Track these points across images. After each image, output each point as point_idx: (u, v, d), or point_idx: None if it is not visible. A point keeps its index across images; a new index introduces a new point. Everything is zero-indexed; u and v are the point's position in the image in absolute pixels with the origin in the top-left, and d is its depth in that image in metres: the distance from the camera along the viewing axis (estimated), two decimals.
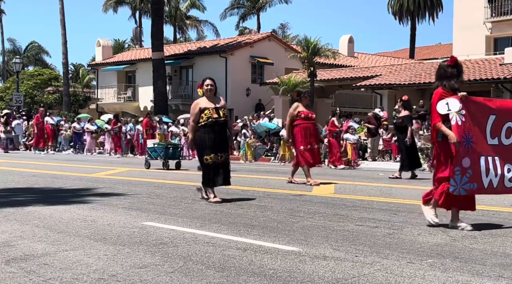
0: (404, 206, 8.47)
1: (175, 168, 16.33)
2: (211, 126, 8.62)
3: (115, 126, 26.55)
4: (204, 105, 8.69)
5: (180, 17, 53.82)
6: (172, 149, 16.93)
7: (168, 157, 16.61)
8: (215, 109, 8.66)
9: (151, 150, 16.96)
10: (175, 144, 18.36)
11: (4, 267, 4.69)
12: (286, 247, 5.43)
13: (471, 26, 33.20)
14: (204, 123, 8.62)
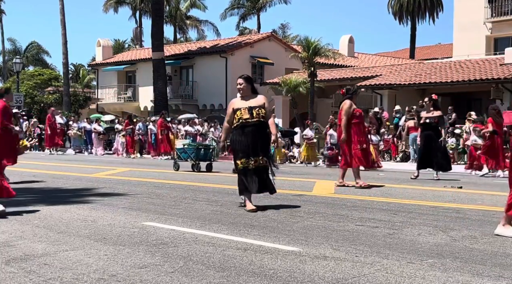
0: (404, 206, 8.47)
1: (206, 171, 15.52)
2: (242, 127, 7.94)
3: (128, 127, 25.87)
4: (238, 105, 8.07)
5: (180, 17, 53.82)
6: (204, 150, 16.07)
7: (199, 158, 15.82)
8: (248, 109, 7.94)
9: (180, 151, 16.11)
10: (206, 144, 17.48)
11: (4, 267, 4.69)
12: (286, 247, 5.43)
13: (471, 26, 33.21)
14: (236, 124, 7.99)
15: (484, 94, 25.39)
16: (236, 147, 8.06)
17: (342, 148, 11.53)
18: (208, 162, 15.85)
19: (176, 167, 15.93)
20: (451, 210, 8.12)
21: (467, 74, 26.08)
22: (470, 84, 24.95)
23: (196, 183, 12.23)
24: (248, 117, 7.90)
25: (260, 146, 7.96)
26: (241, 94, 8.15)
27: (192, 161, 15.82)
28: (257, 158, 7.90)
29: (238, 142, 7.97)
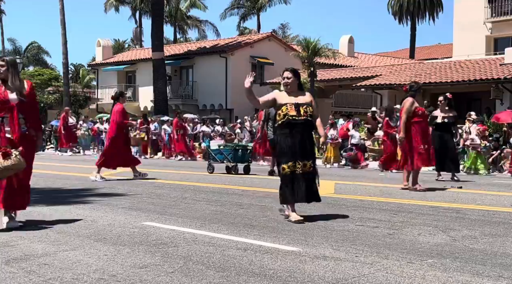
0: (404, 206, 8.47)
1: (244, 173, 14.70)
2: (288, 126, 7.01)
3: (142, 127, 25.19)
4: (283, 99, 7.15)
5: (181, 17, 53.82)
6: (241, 151, 15.15)
7: (237, 160, 14.95)
8: (295, 106, 7.04)
9: (215, 152, 15.24)
10: (244, 145, 16.50)
11: (4, 267, 4.69)
12: (286, 247, 5.43)
13: (471, 26, 33.20)
14: (281, 121, 7.07)
15: (484, 94, 25.40)
16: (281, 148, 7.09)
17: (402, 148, 10.96)
18: (246, 164, 15.05)
19: (211, 169, 15.07)
20: (451, 210, 8.12)
21: (467, 74, 26.08)
22: (470, 84, 24.95)
23: (196, 183, 12.23)
24: (295, 114, 7.02)
25: (309, 148, 7.10)
26: (286, 89, 7.26)
27: (228, 163, 14.99)
28: (306, 162, 7.00)
29: (284, 143, 7.04)
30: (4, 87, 6.49)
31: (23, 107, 6.48)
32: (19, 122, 6.42)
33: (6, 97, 6.44)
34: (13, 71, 6.53)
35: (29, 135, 6.51)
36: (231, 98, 35.87)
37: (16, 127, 6.39)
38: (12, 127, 6.40)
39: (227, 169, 14.94)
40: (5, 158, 6.07)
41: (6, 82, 6.49)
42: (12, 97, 6.44)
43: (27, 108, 6.53)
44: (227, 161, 14.96)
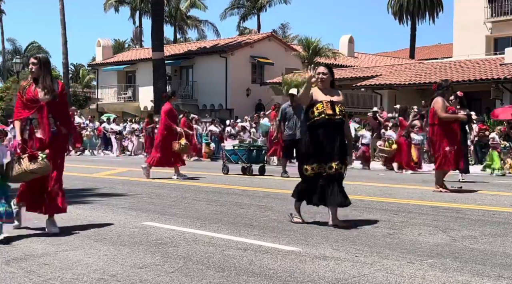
0: (404, 206, 8.47)
1: (259, 174, 14.30)
2: (323, 125, 6.59)
3: (148, 126, 24.97)
4: (318, 96, 6.74)
5: (181, 17, 53.82)
6: (256, 151, 14.68)
7: (252, 161, 14.53)
8: (330, 104, 6.66)
9: (230, 153, 14.78)
10: (259, 146, 15.97)
11: (4, 267, 4.69)
12: (286, 247, 5.43)
13: (471, 26, 33.20)
14: (315, 119, 6.61)
15: (484, 94, 25.40)
16: (307, 148, 6.65)
17: (433, 148, 10.66)
18: (261, 165, 14.64)
19: (226, 171, 14.62)
20: (451, 210, 8.12)
21: (467, 74, 26.08)
22: (470, 84, 24.94)
23: (196, 183, 12.22)
24: (331, 113, 6.61)
25: (340, 149, 6.66)
26: (320, 86, 6.83)
27: (242, 164, 14.57)
28: (333, 164, 6.55)
29: (315, 142, 6.60)
30: (35, 86, 6.24)
31: (53, 107, 6.21)
32: (49, 122, 6.16)
33: (36, 96, 6.19)
34: (45, 70, 6.29)
35: (60, 136, 6.25)
36: (231, 98, 35.86)
37: (46, 127, 6.13)
38: (42, 127, 6.15)
39: (243, 169, 14.52)
40: (31, 161, 5.84)
41: (37, 80, 6.26)
42: (42, 96, 6.18)
43: (57, 108, 6.27)
44: (242, 161, 14.55)
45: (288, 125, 13.41)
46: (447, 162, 10.31)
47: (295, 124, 13.21)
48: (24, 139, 6.11)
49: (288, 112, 13.46)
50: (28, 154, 5.83)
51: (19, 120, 6.19)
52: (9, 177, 5.84)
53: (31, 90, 6.20)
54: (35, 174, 5.92)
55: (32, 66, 6.28)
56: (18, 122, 6.19)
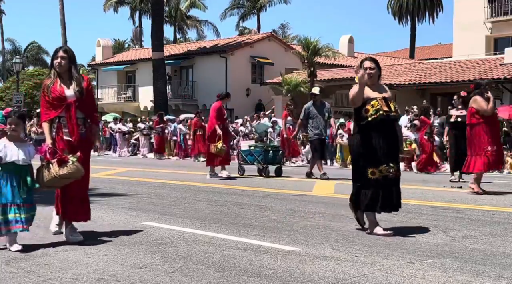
0: (404, 206, 8.45)
1: (276, 175, 13.93)
2: (380, 123, 6.07)
3: (157, 126, 24.68)
4: (370, 93, 6.22)
5: (180, 17, 53.82)
6: (272, 152, 14.29)
7: (268, 161, 14.14)
8: (384, 100, 6.16)
9: (246, 153, 14.33)
10: (275, 146, 15.54)
11: (4, 267, 4.69)
12: (286, 247, 5.43)
13: (471, 26, 33.20)
14: (372, 118, 6.05)
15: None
16: (368, 149, 6.08)
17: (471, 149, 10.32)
18: (278, 166, 14.27)
19: (242, 172, 14.19)
20: (451, 210, 8.12)
21: (467, 74, 26.08)
22: (470, 84, 24.91)
23: (196, 183, 12.22)
24: (387, 109, 6.11)
25: (397, 149, 6.29)
26: (369, 82, 6.32)
27: (259, 165, 14.19)
28: (396, 165, 6.22)
29: (375, 143, 6.07)
30: (60, 82, 5.71)
31: (81, 105, 5.72)
32: (77, 122, 5.68)
33: (63, 93, 5.66)
34: (73, 64, 5.80)
35: (88, 137, 5.80)
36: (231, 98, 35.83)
37: (75, 127, 5.64)
38: (70, 128, 5.64)
39: (259, 170, 14.13)
40: (60, 166, 5.37)
41: (63, 76, 5.74)
42: (69, 93, 5.67)
43: (85, 106, 5.77)
44: (258, 162, 14.18)
45: (313, 125, 13.11)
46: (489, 162, 10.00)
47: (320, 124, 13.06)
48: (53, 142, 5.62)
49: (312, 111, 13.17)
50: (57, 159, 5.38)
51: (47, 121, 5.68)
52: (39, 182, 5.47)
53: (56, 88, 5.68)
54: (68, 179, 5.46)
55: (61, 60, 5.70)
56: (47, 124, 5.67)
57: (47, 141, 5.58)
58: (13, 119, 5.37)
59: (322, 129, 13.15)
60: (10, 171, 5.30)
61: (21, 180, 5.34)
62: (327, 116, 13.28)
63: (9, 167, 5.30)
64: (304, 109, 13.40)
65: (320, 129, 13.11)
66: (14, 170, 5.31)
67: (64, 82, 5.72)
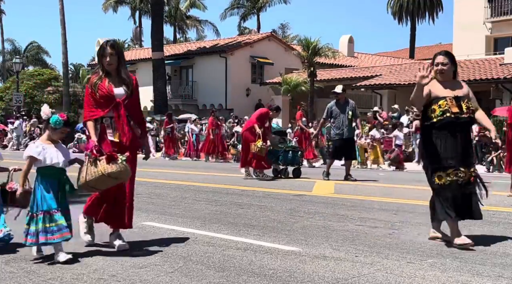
0: (404, 206, 8.46)
1: (294, 176, 13.59)
2: (448, 126, 5.58)
3: (168, 126, 24.20)
4: (439, 91, 5.64)
5: (180, 17, 53.82)
6: (292, 153, 13.92)
7: (288, 162, 13.81)
8: (455, 100, 5.61)
9: None
10: (294, 147, 15.11)
11: (4, 267, 4.69)
12: (286, 247, 5.43)
13: (471, 26, 33.19)
14: (438, 119, 5.59)
15: (484, 94, 25.37)
16: (435, 152, 5.64)
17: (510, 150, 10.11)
18: (296, 167, 13.91)
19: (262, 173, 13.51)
20: None
21: (467, 74, 26.08)
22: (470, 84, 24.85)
23: (196, 183, 12.22)
24: (457, 111, 5.58)
25: (471, 152, 5.85)
26: (440, 78, 5.72)
27: (276, 166, 13.83)
28: (468, 170, 5.63)
29: (441, 146, 5.61)
30: (108, 80, 5.33)
31: (129, 104, 5.35)
32: (128, 121, 5.30)
33: (112, 92, 5.28)
34: (122, 60, 5.41)
35: (135, 139, 5.39)
36: (231, 98, 35.85)
37: (126, 127, 5.26)
38: (120, 128, 5.26)
39: (276, 171, 13.78)
40: (109, 163, 4.93)
41: (110, 73, 5.36)
42: (118, 92, 5.30)
43: (132, 106, 5.39)
44: (277, 163, 13.77)
45: (335, 124, 12.81)
46: None
47: (342, 123, 12.70)
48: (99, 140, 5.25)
49: (334, 110, 12.81)
50: (107, 155, 4.96)
51: (91, 120, 5.29)
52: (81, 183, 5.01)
53: (104, 86, 5.28)
54: (114, 179, 5.01)
55: (110, 58, 5.30)
56: (91, 122, 5.28)
57: (93, 137, 5.20)
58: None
59: (345, 129, 12.67)
60: (49, 175, 4.92)
61: (60, 185, 4.98)
62: (351, 115, 12.74)
63: (48, 171, 4.92)
64: (327, 108, 13.09)
65: (342, 129, 12.69)
66: (53, 174, 4.94)
67: (112, 80, 5.34)
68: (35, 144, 5.05)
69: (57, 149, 4.98)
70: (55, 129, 4.98)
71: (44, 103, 5.63)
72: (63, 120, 4.98)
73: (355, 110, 13.04)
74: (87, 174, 4.94)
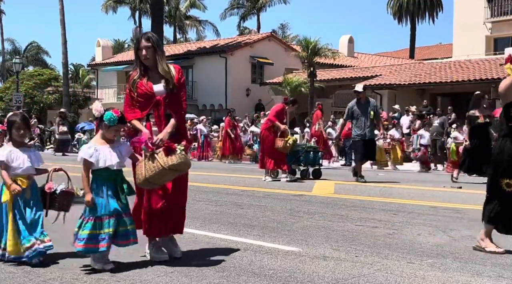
0: (404, 206, 8.47)
1: (313, 177, 13.26)
2: None
3: None
4: None
5: (180, 17, 53.82)
6: (313, 153, 13.63)
7: (309, 163, 13.47)
8: None
9: None
10: (315, 147, 14.70)
11: (4, 267, 4.69)
12: (286, 247, 5.43)
13: (471, 26, 33.21)
14: None
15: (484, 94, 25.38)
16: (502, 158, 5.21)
17: None
18: (317, 167, 13.58)
19: (275, 174, 13.11)
20: (451, 210, 8.12)
21: (467, 74, 26.09)
22: (470, 84, 24.95)
23: (196, 183, 12.21)
24: None
25: None
26: None
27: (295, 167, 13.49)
28: None
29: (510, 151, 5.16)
30: (147, 77, 4.92)
31: (170, 101, 4.85)
32: (166, 123, 4.82)
33: (151, 89, 4.85)
34: (160, 53, 4.97)
35: (178, 138, 4.80)
36: (231, 98, 35.83)
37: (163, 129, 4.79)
38: (158, 129, 4.81)
39: (293, 172, 13.30)
40: (168, 155, 4.53)
41: (148, 69, 4.94)
42: (158, 89, 4.85)
43: (174, 101, 4.87)
44: (296, 164, 13.44)
45: (357, 125, 12.45)
46: None
47: (364, 124, 12.36)
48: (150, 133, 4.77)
49: (356, 110, 12.45)
50: (165, 147, 4.56)
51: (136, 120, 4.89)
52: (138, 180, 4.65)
53: (143, 83, 4.89)
54: (174, 172, 4.59)
55: (146, 51, 4.92)
56: (135, 120, 4.89)
57: (144, 131, 4.77)
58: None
59: (367, 130, 12.34)
60: (104, 178, 4.61)
61: (118, 187, 4.66)
62: (372, 115, 12.41)
63: (103, 173, 4.60)
64: (348, 108, 12.72)
65: (363, 130, 12.36)
66: (108, 177, 4.62)
67: (152, 76, 4.91)
68: (87, 144, 4.74)
69: (111, 149, 4.63)
70: (109, 127, 4.67)
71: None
72: (118, 116, 4.68)
73: (377, 110, 12.79)
74: (146, 170, 4.55)
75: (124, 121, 4.76)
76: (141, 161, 4.61)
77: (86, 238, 4.50)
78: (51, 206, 4.97)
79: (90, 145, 4.68)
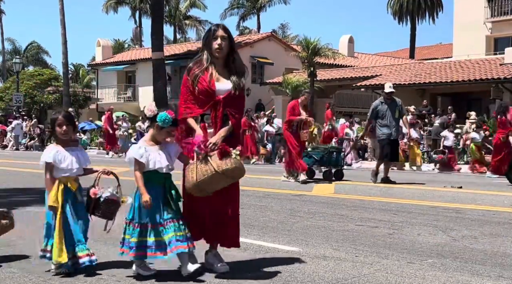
0: (404, 206, 8.47)
1: (335, 179, 12.97)
2: None
3: None
4: None
5: (180, 17, 53.83)
6: (335, 154, 13.29)
7: (332, 164, 13.21)
8: None
9: (302, 155, 12.83)
10: (338, 148, 14.46)
11: (4, 267, 4.69)
12: (286, 247, 5.43)
13: (471, 26, 33.20)
14: None
15: (484, 94, 25.39)
16: None
17: None
18: (339, 168, 13.31)
19: (296, 175, 12.54)
20: (451, 210, 8.12)
21: (467, 74, 26.08)
22: (470, 84, 24.95)
23: None
24: None
25: None
26: None
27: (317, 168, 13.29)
28: None
29: None
30: (212, 72, 4.47)
31: (230, 102, 4.46)
32: (222, 125, 4.45)
33: (213, 87, 4.43)
34: (234, 48, 4.53)
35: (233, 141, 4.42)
36: None
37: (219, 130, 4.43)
38: (215, 131, 4.43)
39: (312, 174, 13.03)
40: (223, 159, 4.20)
41: (214, 63, 4.48)
42: (220, 87, 4.43)
43: (235, 103, 4.49)
44: (318, 165, 13.21)
45: (383, 123, 12.22)
46: None
47: (390, 123, 12.17)
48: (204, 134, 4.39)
49: (381, 109, 12.23)
50: (219, 149, 4.22)
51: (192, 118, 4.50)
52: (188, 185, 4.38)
53: (205, 79, 4.44)
54: (227, 178, 4.25)
55: (221, 41, 4.41)
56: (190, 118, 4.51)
57: (198, 131, 4.41)
58: None
59: (393, 129, 12.17)
60: (151, 181, 4.39)
61: (167, 192, 4.41)
62: (398, 114, 12.24)
63: (152, 176, 4.39)
64: (372, 108, 12.47)
65: (390, 129, 12.17)
66: (156, 180, 4.39)
67: (218, 71, 4.49)
68: (137, 144, 4.49)
69: (160, 151, 4.39)
70: (161, 128, 4.40)
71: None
72: (172, 118, 4.40)
73: (402, 109, 12.60)
74: (197, 174, 4.22)
75: (177, 123, 4.46)
76: (193, 164, 4.30)
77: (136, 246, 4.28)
78: (94, 212, 4.72)
79: (140, 145, 4.45)
